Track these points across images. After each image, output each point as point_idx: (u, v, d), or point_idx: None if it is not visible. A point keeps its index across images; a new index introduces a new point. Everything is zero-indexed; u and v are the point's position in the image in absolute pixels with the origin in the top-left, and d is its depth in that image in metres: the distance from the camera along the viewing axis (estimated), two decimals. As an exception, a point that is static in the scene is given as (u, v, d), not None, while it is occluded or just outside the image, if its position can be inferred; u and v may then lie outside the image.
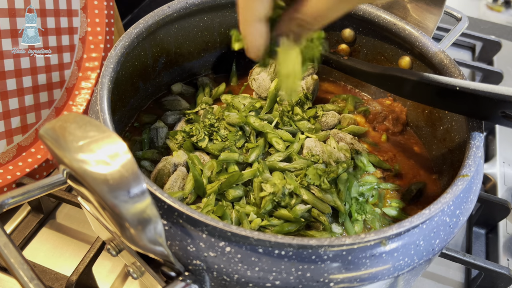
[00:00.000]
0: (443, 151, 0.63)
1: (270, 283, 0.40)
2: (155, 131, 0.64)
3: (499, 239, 0.75)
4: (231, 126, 0.63)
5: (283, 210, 0.54)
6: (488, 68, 1.05)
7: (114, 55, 0.54)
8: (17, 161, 0.71)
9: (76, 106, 0.79)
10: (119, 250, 0.45)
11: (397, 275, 0.43)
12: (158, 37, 0.65)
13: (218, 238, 0.41)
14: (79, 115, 0.33)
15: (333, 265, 0.41)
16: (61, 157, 0.31)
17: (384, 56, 0.71)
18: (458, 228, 0.47)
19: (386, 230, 0.41)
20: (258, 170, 0.57)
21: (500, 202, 0.74)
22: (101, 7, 0.81)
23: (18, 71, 0.69)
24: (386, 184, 0.62)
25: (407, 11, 0.66)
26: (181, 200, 0.56)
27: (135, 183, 0.30)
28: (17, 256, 0.36)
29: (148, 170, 0.61)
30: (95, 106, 0.53)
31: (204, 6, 0.67)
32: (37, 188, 0.41)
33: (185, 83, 0.74)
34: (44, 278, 0.62)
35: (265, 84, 0.69)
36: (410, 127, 0.72)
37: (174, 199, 0.41)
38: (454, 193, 0.45)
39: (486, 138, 0.94)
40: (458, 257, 0.63)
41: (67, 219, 0.72)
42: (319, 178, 0.56)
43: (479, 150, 0.50)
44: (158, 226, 0.33)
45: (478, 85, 0.50)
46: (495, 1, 1.42)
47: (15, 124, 0.71)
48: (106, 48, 0.82)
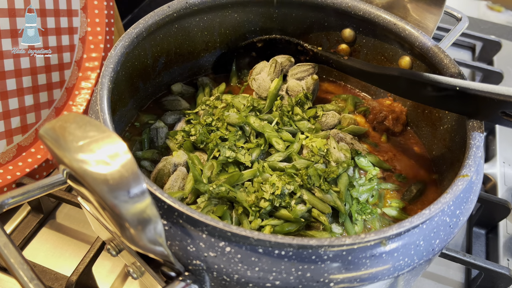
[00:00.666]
0: (443, 151, 0.63)
1: (270, 283, 0.40)
2: (155, 131, 0.65)
3: (499, 239, 0.75)
4: (231, 126, 0.63)
5: (283, 210, 0.54)
6: (488, 68, 1.05)
7: (114, 55, 0.54)
8: (17, 161, 0.71)
9: (76, 106, 0.79)
10: (119, 250, 0.45)
11: (397, 275, 0.43)
12: (158, 37, 0.65)
13: (218, 238, 0.41)
14: (79, 115, 0.33)
15: (333, 265, 0.41)
16: (61, 157, 0.31)
17: (384, 56, 0.71)
18: (458, 228, 0.47)
19: (386, 230, 0.41)
20: (258, 170, 0.57)
21: (500, 202, 0.74)
22: (101, 7, 0.81)
23: (18, 71, 0.69)
24: (386, 184, 0.62)
25: (407, 11, 0.66)
26: (181, 200, 0.56)
27: (135, 183, 0.30)
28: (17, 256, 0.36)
29: (148, 170, 0.61)
30: (95, 106, 0.53)
31: (204, 6, 0.67)
32: (37, 188, 0.41)
33: (185, 83, 0.74)
34: (44, 278, 0.62)
35: (265, 84, 0.69)
36: (410, 127, 0.72)
37: (174, 199, 0.41)
38: (454, 193, 0.45)
39: (486, 138, 0.94)
40: (458, 257, 0.63)
41: (67, 219, 0.72)
42: (319, 178, 0.56)
43: (479, 150, 0.49)
44: (158, 226, 0.33)
45: (478, 85, 0.50)
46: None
47: (15, 124, 0.71)
48: (106, 48, 0.82)
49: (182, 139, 0.62)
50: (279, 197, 0.54)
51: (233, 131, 0.62)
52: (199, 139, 0.61)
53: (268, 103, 0.68)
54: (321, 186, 0.56)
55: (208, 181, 0.57)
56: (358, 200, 0.58)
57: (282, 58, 0.72)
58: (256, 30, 0.75)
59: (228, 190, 0.53)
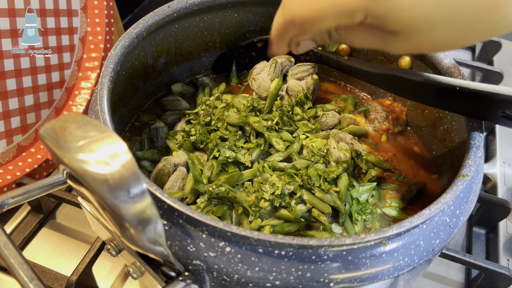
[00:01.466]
0: (443, 151, 0.63)
1: (270, 283, 0.40)
2: (155, 131, 0.65)
3: (499, 239, 0.75)
4: (231, 126, 0.63)
5: (283, 210, 0.54)
6: (488, 68, 1.05)
7: (114, 55, 0.54)
8: (17, 161, 0.71)
9: (76, 106, 0.79)
10: (119, 250, 0.45)
11: (397, 275, 0.43)
12: (158, 37, 0.65)
13: (218, 238, 0.41)
14: (79, 115, 0.33)
15: (333, 265, 0.41)
16: (61, 157, 0.31)
17: (384, 56, 0.71)
18: (458, 228, 0.47)
19: (386, 230, 0.41)
20: (258, 170, 0.57)
21: (500, 202, 0.74)
22: (101, 7, 0.81)
23: (18, 71, 0.69)
24: (386, 184, 0.62)
25: (407, 11, 0.66)
26: (181, 200, 0.56)
27: (135, 183, 0.30)
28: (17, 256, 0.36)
29: (148, 170, 0.61)
30: (95, 106, 0.53)
31: (204, 6, 0.67)
32: (37, 188, 0.41)
33: (185, 83, 0.74)
34: (44, 278, 0.62)
35: (265, 84, 0.69)
36: (410, 127, 0.72)
37: (174, 199, 0.41)
38: (454, 193, 0.45)
39: (486, 138, 0.94)
40: (458, 257, 0.63)
41: (67, 219, 0.72)
42: (319, 178, 0.56)
43: (479, 150, 0.49)
44: (158, 226, 0.33)
45: (478, 85, 0.50)
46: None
47: (15, 124, 0.71)
48: (106, 48, 0.82)
49: (182, 139, 0.62)
50: (279, 197, 0.54)
51: (233, 131, 0.62)
52: (199, 139, 0.61)
53: (268, 103, 0.68)
54: (321, 186, 0.56)
55: (208, 181, 0.57)
56: (358, 200, 0.58)
57: (282, 58, 0.72)
58: (256, 30, 0.75)
59: (228, 190, 0.53)
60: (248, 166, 0.59)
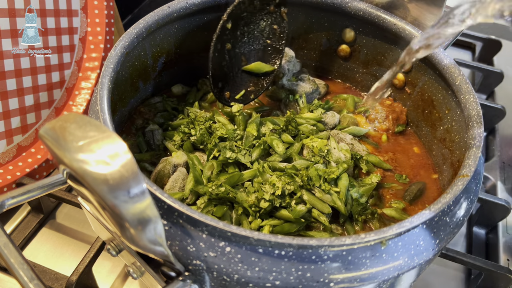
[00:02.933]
0: (443, 151, 0.63)
1: (270, 283, 0.40)
2: (150, 133, 0.64)
3: (499, 239, 0.75)
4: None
5: (283, 211, 0.54)
6: (488, 68, 1.05)
7: (114, 55, 0.54)
8: (17, 161, 0.71)
9: (76, 106, 0.79)
10: (119, 250, 0.46)
11: (397, 275, 0.43)
12: (158, 37, 0.65)
13: (218, 238, 0.41)
14: (79, 115, 0.33)
15: (333, 265, 0.41)
16: (61, 157, 0.31)
17: (384, 56, 0.71)
18: (458, 228, 0.47)
19: (386, 230, 0.41)
20: (258, 170, 0.57)
21: (500, 202, 0.74)
22: (101, 7, 0.81)
23: (18, 71, 0.69)
24: (387, 184, 0.62)
25: (407, 11, 0.66)
26: (181, 200, 0.56)
27: (135, 183, 0.30)
28: (17, 256, 0.36)
29: (148, 171, 0.61)
30: (95, 106, 0.53)
31: (204, 6, 0.67)
32: (37, 188, 0.41)
33: (185, 84, 0.74)
34: (44, 278, 0.62)
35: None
36: (410, 127, 0.72)
37: (174, 199, 0.41)
38: (454, 193, 0.45)
39: (486, 138, 0.94)
40: (458, 257, 0.63)
41: (67, 219, 0.72)
42: (319, 179, 0.56)
43: (479, 150, 0.50)
44: (158, 226, 0.33)
45: None
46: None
47: (15, 124, 0.71)
48: (106, 48, 0.82)
49: (180, 140, 0.62)
50: (279, 197, 0.54)
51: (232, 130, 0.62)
52: (199, 140, 0.61)
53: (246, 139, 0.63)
54: (321, 187, 0.56)
55: (208, 181, 0.57)
56: (358, 201, 0.58)
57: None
58: (256, 30, 0.75)
59: (228, 190, 0.53)
60: (248, 167, 0.59)
